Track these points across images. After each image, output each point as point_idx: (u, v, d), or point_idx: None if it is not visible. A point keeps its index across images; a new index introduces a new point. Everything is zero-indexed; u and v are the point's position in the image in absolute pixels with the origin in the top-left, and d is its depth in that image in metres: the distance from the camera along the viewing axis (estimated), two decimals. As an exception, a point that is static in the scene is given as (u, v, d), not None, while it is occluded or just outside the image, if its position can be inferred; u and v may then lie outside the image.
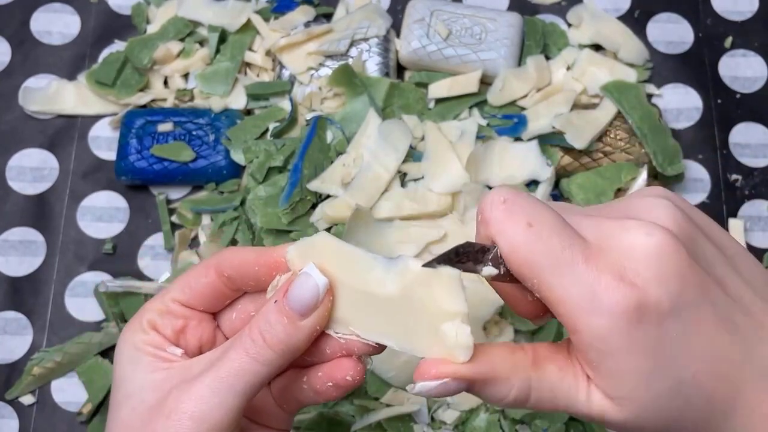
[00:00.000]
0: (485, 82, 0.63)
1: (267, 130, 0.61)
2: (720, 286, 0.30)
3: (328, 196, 0.58)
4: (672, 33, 0.67)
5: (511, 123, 0.61)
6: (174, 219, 0.61)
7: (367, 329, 0.33)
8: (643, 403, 0.30)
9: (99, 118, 0.64)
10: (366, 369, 0.35)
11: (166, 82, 0.65)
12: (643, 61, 0.65)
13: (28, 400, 0.56)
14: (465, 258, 0.31)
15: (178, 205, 0.61)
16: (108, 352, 0.57)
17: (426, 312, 0.32)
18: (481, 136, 0.59)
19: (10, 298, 0.59)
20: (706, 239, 0.31)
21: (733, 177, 0.63)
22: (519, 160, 0.59)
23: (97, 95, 0.64)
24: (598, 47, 0.65)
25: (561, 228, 0.29)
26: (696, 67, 0.66)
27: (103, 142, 0.63)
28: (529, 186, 0.59)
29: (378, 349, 0.34)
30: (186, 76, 0.64)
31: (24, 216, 0.61)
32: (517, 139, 0.60)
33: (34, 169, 0.63)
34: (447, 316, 0.31)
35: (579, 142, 0.59)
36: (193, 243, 0.60)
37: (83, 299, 0.59)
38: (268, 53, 0.65)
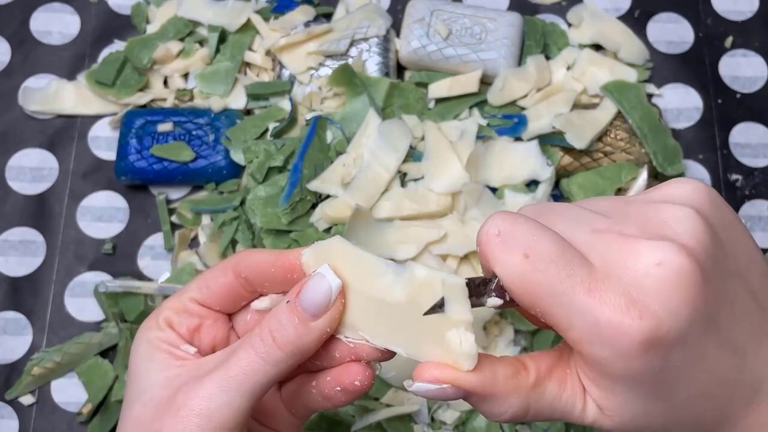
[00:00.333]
0: (485, 82, 0.63)
1: (267, 130, 0.61)
2: (730, 305, 0.29)
3: (328, 196, 0.57)
4: (672, 33, 0.67)
5: (511, 123, 0.61)
6: (174, 219, 0.61)
7: (377, 335, 0.33)
8: (633, 417, 0.30)
9: (99, 118, 0.64)
10: (375, 374, 0.34)
11: (165, 82, 0.65)
12: (643, 61, 0.65)
13: (27, 400, 0.56)
14: (469, 294, 0.31)
15: (178, 205, 0.61)
16: (108, 353, 0.57)
17: (431, 319, 0.32)
18: (481, 136, 0.59)
19: (10, 298, 0.59)
20: (725, 254, 0.30)
21: (734, 177, 0.63)
22: (519, 160, 0.59)
23: (97, 95, 0.64)
24: (598, 47, 0.65)
25: (560, 256, 0.29)
26: (696, 67, 0.66)
27: (103, 142, 0.63)
28: (529, 186, 0.59)
29: (387, 354, 0.34)
30: (186, 76, 0.64)
31: (24, 216, 0.61)
32: (518, 139, 0.60)
33: (33, 169, 0.63)
34: (452, 323, 0.31)
35: (579, 142, 0.59)
36: (193, 243, 0.60)
37: (83, 299, 0.59)
38: (268, 53, 0.65)
